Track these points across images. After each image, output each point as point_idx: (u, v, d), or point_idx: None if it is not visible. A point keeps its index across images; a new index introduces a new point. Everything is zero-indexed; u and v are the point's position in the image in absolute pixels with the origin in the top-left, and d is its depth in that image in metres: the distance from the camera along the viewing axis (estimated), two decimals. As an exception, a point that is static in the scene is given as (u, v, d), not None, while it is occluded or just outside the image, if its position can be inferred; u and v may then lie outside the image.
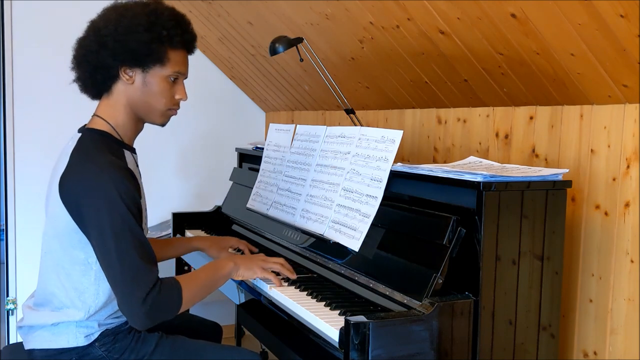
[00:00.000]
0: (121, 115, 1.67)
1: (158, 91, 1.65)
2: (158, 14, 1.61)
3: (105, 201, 1.49)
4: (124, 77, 1.63)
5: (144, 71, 1.63)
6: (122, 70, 1.62)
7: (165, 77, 1.65)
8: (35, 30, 3.30)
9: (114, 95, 1.66)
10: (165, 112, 1.70)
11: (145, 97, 1.65)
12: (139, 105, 1.67)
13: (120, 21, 1.59)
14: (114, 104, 1.67)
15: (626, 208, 1.71)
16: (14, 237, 3.33)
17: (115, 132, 1.67)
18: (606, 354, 1.78)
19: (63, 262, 1.60)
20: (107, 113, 1.67)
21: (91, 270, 1.60)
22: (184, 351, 1.72)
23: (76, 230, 1.57)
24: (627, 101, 1.70)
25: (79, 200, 1.53)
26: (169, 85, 1.67)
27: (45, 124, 3.34)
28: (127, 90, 1.65)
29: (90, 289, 1.61)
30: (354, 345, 1.36)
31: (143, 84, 1.64)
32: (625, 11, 1.43)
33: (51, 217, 1.62)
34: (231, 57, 3.47)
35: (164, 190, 3.68)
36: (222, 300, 3.25)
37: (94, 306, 1.62)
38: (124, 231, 1.50)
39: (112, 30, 1.58)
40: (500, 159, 2.12)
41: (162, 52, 1.62)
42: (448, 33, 1.93)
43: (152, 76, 1.64)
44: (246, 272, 1.78)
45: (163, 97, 1.67)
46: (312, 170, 2.12)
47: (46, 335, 1.63)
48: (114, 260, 1.49)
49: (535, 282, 1.61)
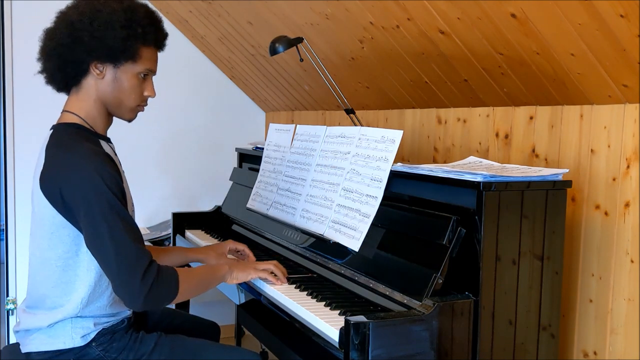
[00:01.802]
0: (91, 109, 1.67)
1: (128, 87, 1.66)
2: (134, 10, 1.62)
3: (91, 188, 1.49)
4: (95, 71, 1.63)
5: (116, 67, 1.63)
6: (93, 64, 1.62)
7: (136, 74, 1.65)
8: (35, 30, 3.29)
9: (83, 89, 1.66)
10: (134, 108, 1.71)
11: (115, 93, 1.66)
12: (108, 100, 1.67)
13: (96, 16, 1.58)
14: (83, 97, 1.66)
15: (626, 208, 1.71)
16: (14, 237, 3.33)
17: (86, 124, 1.66)
18: (606, 354, 1.78)
19: (54, 261, 1.60)
20: (77, 107, 1.67)
21: (82, 261, 1.59)
22: (183, 351, 1.72)
23: (63, 225, 1.56)
24: (627, 101, 1.70)
25: (63, 192, 1.52)
26: (139, 81, 1.67)
27: (45, 124, 3.30)
28: (97, 84, 1.64)
29: (82, 280, 1.60)
30: (354, 345, 1.36)
31: (114, 79, 1.64)
32: (625, 11, 1.43)
33: (37, 218, 1.61)
34: (231, 57, 3.47)
35: (164, 190, 3.68)
36: (222, 300, 3.25)
37: (86, 297, 1.61)
38: (113, 215, 1.50)
39: (87, 24, 1.57)
40: (500, 159, 2.12)
41: (135, 49, 1.62)
42: (448, 33, 1.93)
43: (123, 72, 1.64)
44: (240, 274, 1.80)
45: (133, 93, 1.67)
46: (312, 170, 2.12)
47: (42, 338, 1.63)
48: (107, 245, 1.49)
49: (535, 282, 1.61)
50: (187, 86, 3.64)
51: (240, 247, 2.08)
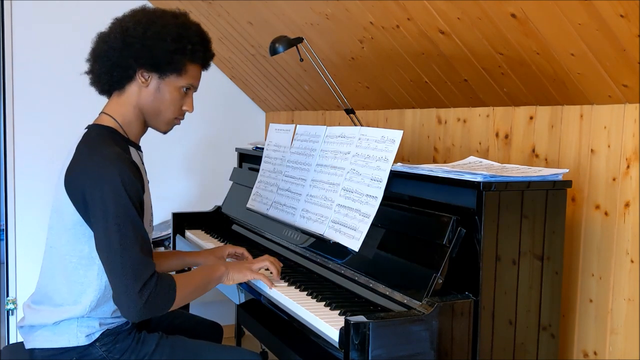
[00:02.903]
0: (129, 114, 1.71)
1: (169, 99, 1.71)
2: (186, 27, 1.68)
3: (110, 190, 1.52)
4: (140, 79, 1.67)
5: (160, 77, 1.68)
6: (140, 72, 1.67)
7: (178, 87, 1.71)
8: (35, 31, 3.30)
9: (125, 94, 1.70)
10: (171, 120, 1.76)
11: (156, 103, 1.70)
12: (148, 109, 1.71)
13: (150, 26, 1.63)
14: (124, 103, 1.70)
15: (626, 208, 1.71)
16: (14, 237, 3.33)
17: (121, 129, 1.70)
18: (606, 354, 1.78)
19: (69, 256, 1.62)
20: (115, 111, 1.71)
21: (95, 264, 1.61)
22: (184, 351, 1.72)
23: (81, 223, 1.58)
24: (627, 101, 1.70)
25: (85, 190, 1.55)
26: (181, 95, 1.72)
27: (46, 124, 3.34)
28: (140, 92, 1.69)
29: (93, 283, 1.62)
30: (354, 345, 1.36)
31: (157, 89, 1.69)
32: (625, 11, 1.43)
33: (57, 211, 1.63)
34: (231, 57, 3.47)
35: (164, 190, 3.68)
36: (222, 300, 3.25)
37: (95, 301, 1.62)
38: (126, 223, 1.52)
39: (140, 33, 1.62)
40: (500, 159, 2.12)
41: (182, 64, 1.68)
42: (448, 33, 1.93)
43: (166, 84, 1.69)
44: (237, 274, 1.80)
45: (172, 105, 1.72)
46: (312, 170, 2.12)
47: (47, 335, 1.64)
48: (116, 251, 1.50)
49: (535, 282, 1.61)
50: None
51: (239, 250, 2.08)
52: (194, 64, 1.71)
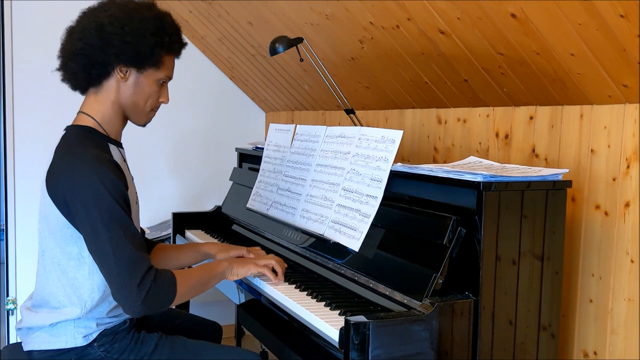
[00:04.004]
0: (109, 111, 1.69)
1: (148, 92, 1.70)
2: (162, 19, 1.67)
3: (92, 196, 1.51)
4: (119, 74, 1.66)
5: (139, 71, 1.67)
6: (119, 67, 1.65)
7: (156, 80, 1.70)
8: (35, 30, 3.30)
9: (103, 90, 1.68)
10: (148, 112, 1.75)
11: (135, 96, 1.69)
12: (127, 104, 1.70)
13: (127, 21, 1.61)
14: (102, 100, 1.68)
15: (626, 208, 1.71)
16: (14, 237, 3.33)
17: (100, 128, 1.68)
18: (606, 354, 1.78)
19: (59, 259, 1.61)
20: (94, 109, 1.69)
21: (85, 264, 1.61)
22: (183, 351, 1.72)
23: (67, 225, 1.58)
24: (627, 101, 1.70)
25: (66, 196, 1.54)
26: (158, 87, 1.72)
27: (45, 124, 3.34)
28: (119, 87, 1.67)
29: (85, 283, 1.61)
30: (354, 345, 1.36)
31: (135, 83, 1.68)
32: (625, 11, 1.43)
33: (43, 214, 1.63)
34: (231, 57, 3.47)
35: (164, 190, 3.68)
36: (222, 300, 3.25)
37: (90, 301, 1.62)
38: (112, 224, 1.51)
39: (118, 28, 1.60)
40: (500, 159, 2.12)
41: (160, 56, 1.67)
42: (448, 33, 1.93)
43: (145, 77, 1.68)
44: (240, 269, 1.80)
45: (150, 98, 1.72)
46: (312, 170, 2.12)
47: (45, 337, 1.63)
48: (107, 252, 1.50)
49: (535, 282, 1.61)
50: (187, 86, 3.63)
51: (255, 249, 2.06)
52: (170, 55, 1.71)
